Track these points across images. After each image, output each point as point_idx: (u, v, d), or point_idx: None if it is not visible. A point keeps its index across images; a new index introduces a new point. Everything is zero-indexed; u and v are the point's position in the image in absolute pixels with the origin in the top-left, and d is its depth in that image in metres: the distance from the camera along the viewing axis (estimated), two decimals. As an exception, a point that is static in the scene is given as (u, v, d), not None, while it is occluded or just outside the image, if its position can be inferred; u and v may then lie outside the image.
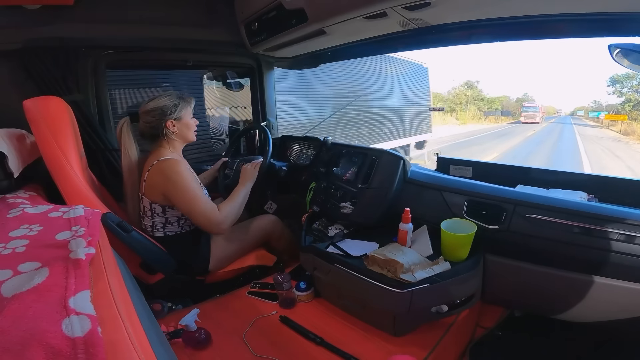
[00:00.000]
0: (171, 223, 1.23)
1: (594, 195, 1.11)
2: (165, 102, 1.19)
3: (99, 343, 0.31)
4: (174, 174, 1.14)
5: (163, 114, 1.18)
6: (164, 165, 1.15)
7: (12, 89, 1.33)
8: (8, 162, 0.92)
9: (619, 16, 0.86)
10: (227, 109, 2.31)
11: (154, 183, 1.16)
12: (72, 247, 0.48)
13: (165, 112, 1.18)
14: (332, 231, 1.30)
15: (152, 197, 1.18)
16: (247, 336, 1.01)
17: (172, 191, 1.15)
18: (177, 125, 1.21)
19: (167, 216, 1.22)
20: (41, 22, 1.32)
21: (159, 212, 1.20)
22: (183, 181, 1.14)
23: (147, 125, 1.19)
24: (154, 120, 1.18)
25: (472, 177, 1.42)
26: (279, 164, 1.55)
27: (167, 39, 1.58)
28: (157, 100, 1.19)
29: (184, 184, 1.14)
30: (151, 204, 1.19)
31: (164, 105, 1.18)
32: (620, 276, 0.86)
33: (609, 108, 21.94)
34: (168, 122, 1.19)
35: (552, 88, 46.77)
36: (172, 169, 1.14)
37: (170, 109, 1.19)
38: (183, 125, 1.22)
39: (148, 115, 1.18)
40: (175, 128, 1.21)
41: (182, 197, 1.15)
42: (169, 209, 1.21)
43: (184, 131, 1.23)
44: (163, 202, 1.19)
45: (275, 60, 1.90)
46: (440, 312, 1.00)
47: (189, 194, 1.15)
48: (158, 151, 1.20)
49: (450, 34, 1.17)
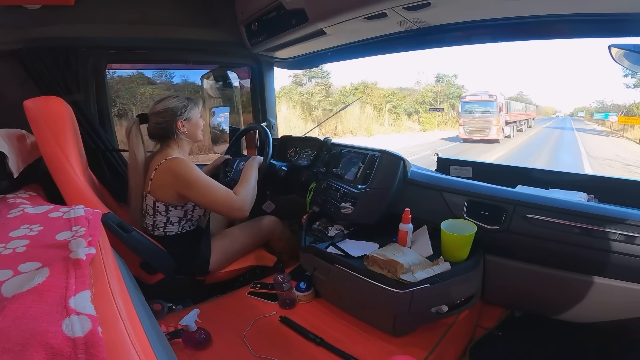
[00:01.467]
0: (172, 223, 1.24)
1: (594, 196, 1.11)
2: (175, 104, 1.21)
3: (99, 343, 0.31)
4: (184, 170, 1.16)
5: (174, 115, 1.20)
6: (173, 164, 1.16)
7: (12, 89, 1.33)
8: (8, 162, 0.92)
9: (619, 16, 0.86)
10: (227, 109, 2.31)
11: (163, 182, 1.17)
12: (73, 247, 0.48)
13: (175, 112, 1.20)
14: (332, 231, 1.30)
15: (159, 195, 1.19)
16: (247, 336, 1.01)
17: (187, 187, 1.16)
18: (187, 126, 1.23)
19: (169, 215, 1.22)
20: (41, 22, 1.32)
21: (161, 211, 1.21)
22: (195, 175, 1.16)
23: (157, 126, 1.21)
24: (164, 121, 1.20)
25: (472, 177, 1.41)
26: (279, 164, 1.55)
27: (167, 39, 1.58)
28: (166, 101, 1.21)
29: (197, 178, 1.16)
30: (155, 202, 1.20)
31: (174, 107, 1.20)
32: (620, 276, 0.86)
33: (614, 108, 18.14)
34: (178, 122, 1.21)
35: (551, 86, 41.89)
36: (182, 167, 1.16)
37: (180, 109, 1.21)
38: (192, 125, 1.25)
39: (158, 116, 1.20)
40: (185, 128, 1.23)
41: (198, 191, 1.16)
42: (172, 208, 1.21)
43: (193, 131, 1.26)
44: (168, 201, 1.19)
45: (275, 60, 1.90)
46: (440, 312, 1.00)
47: (204, 187, 1.17)
48: (165, 151, 1.21)
49: (450, 34, 1.17)
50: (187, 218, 1.25)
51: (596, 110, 20.67)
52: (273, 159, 1.56)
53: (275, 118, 2.05)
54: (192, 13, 1.62)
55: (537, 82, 34.99)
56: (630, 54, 0.80)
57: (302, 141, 1.82)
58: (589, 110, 22.07)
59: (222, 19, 1.64)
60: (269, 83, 1.99)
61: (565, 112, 26.46)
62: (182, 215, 1.24)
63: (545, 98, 38.05)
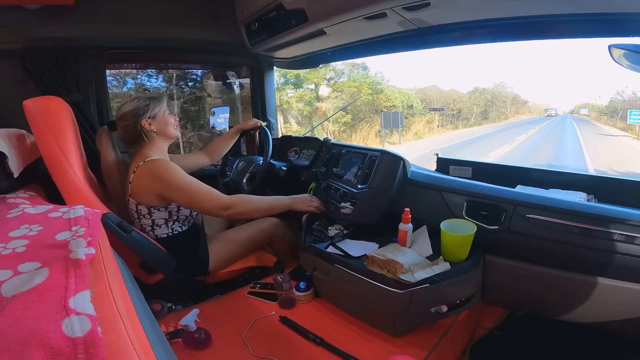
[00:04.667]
0: (159, 225, 1.22)
1: (593, 196, 1.11)
2: (135, 104, 1.21)
3: (99, 343, 0.31)
4: (163, 170, 1.15)
5: (136, 115, 1.20)
6: (152, 165, 1.15)
7: (12, 89, 1.33)
8: (8, 162, 0.92)
9: (619, 16, 0.86)
10: (227, 109, 2.31)
11: (142, 185, 1.16)
12: (72, 247, 0.48)
13: (137, 113, 1.20)
14: (332, 231, 1.30)
15: (139, 198, 1.17)
16: (247, 336, 1.01)
17: (167, 188, 1.15)
18: (154, 124, 1.22)
19: (154, 218, 1.20)
20: (41, 22, 1.32)
21: (144, 214, 1.19)
22: (174, 175, 1.15)
23: (125, 129, 1.21)
24: (129, 123, 1.20)
25: (472, 177, 1.41)
26: (279, 164, 1.55)
27: (167, 39, 1.58)
28: (127, 104, 1.21)
29: (176, 178, 1.15)
30: (137, 205, 1.18)
31: (134, 107, 1.20)
32: (620, 276, 0.86)
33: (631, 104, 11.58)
34: (143, 121, 1.20)
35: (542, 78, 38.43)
36: (160, 166, 1.15)
37: (142, 109, 1.20)
38: (159, 122, 1.23)
39: (123, 120, 1.20)
40: (152, 126, 1.22)
41: (178, 190, 1.15)
42: (155, 209, 1.19)
43: (162, 128, 1.24)
44: (149, 203, 1.18)
45: (275, 60, 1.90)
46: (440, 312, 1.00)
47: (184, 185, 1.15)
48: (141, 153, 1.21)
49: (450, 34, 1.17)
50: (173, 219, 1.24)
51: (606, 106, 13.04)
52: (273, 158, 1.56)
53: (276, 118, 2.05)
54: (192, 13, 1.62)
55: (524, 73, 28.76)
56: (630, 53, 0.80)
57: (302, 141, 1.82)
58: (592, 108, 15.76)
59: (222, 19, 1.64)
60: (269, 83, 1.99)
61: (565, 109, 20.83)
62: (168, 216, 1.22)
63: (535, 93, 29.46)
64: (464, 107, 18.56)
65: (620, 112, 12.48)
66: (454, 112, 18.15)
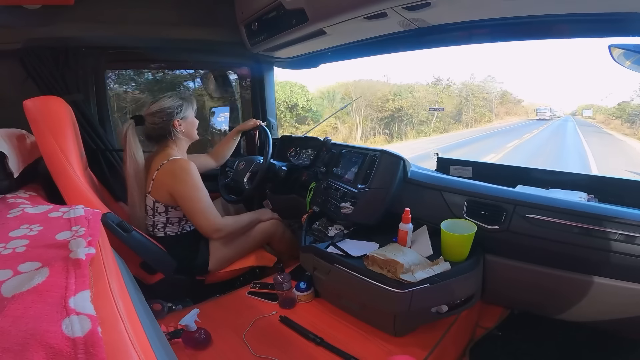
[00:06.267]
0: (172, 223, 1.24)
1: (594, 196, 1.11)
2: (170, 103, 1.21)
3: (99, 343, 0.31)
4: (185, 173, 1.16)
5: (170, 115, 1.21)
6: (176, 164, 1.17)
7: (12, 89, 1.33)
8: (8, 162, 0.92)
9: (619, 16, 0.86)
10: (227, 109, 2.31)
11: (162, 182, 1.18)
12: (72, 247, 0.48)
13: (172, 112, 1.21)
14: (332, 231, 1.30)
15: (158, 195, 1.19)
16: (247, 336, 1.01)
17: (180, 189, 1.16)
18: (184, 125, 1.24)
19: (169, 216, 1.23)
20: (41, 22, 1.32)
21: (161, 212, 1.21)
22: (192, 180, 1.17)
23: (154, 126, 1.21)
24: (161, 121, 1.20)
25: (472, 177, 1.41)
26: (279, 164, 1.55)
27: (167, 39, 1.58)
28: (161, 101, 1.21)
29: (192, 184, 1.17)
30: (155, 202, 1.20)
31: (170, 106, 1.21)
32: (620, 276, 0.86)
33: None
34: (175, 121, 1.21)
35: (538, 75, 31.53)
36: (184, 168, 1.17)
37: (176, 109, 1.22)
38: (189, 124, 1.26)
39: (154, 117, 1.20)
40: (182, 127, 1.23)
41: (188, 195, 1.17)
42: (172, 209, 1.22)
43: (189, 130, 1.27)
44: (167, 202, 1.20)
45: (275, 60, 1.90)
46: (440, 312, 1.00)
47: (195, 194, 1.17)
48: (165, 151, 1.22)
49: (450, 34, 1.17)
50: (186, 218, 1.26)
51: (616, 108, 10.02)
52: (273, 158, 1.56)
53: (276, 118, 2.05)
54: (192, 13, 1.62)
55: (518, 67, 25.06)
56: (630, 53, 0.80)
57: (302, 141, 1.82)
58: (600, 108, 13.04)
59: (222, 19, 1.64)
60: (269, 83, 1.99)
61: (565, 110, 17.14)
62: (182, 215, 1.24)
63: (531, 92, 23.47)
64: (417, 105, 12.94)
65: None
66: (391, 112, 12.00)
